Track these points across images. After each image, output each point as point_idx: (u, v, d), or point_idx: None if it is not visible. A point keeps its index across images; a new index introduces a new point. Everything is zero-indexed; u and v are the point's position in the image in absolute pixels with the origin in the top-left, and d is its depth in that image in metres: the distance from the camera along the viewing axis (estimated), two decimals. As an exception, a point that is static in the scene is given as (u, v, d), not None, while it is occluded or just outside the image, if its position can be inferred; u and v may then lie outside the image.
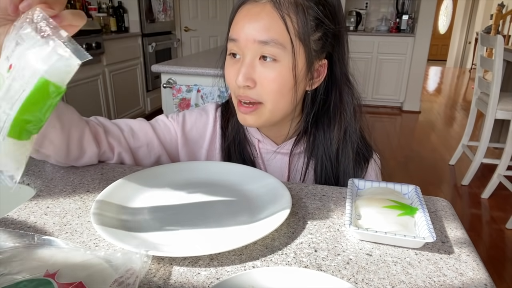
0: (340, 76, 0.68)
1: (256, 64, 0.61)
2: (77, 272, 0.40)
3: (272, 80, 0.61)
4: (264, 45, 0.59)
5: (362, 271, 0.45)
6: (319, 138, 0.71)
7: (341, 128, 0.69)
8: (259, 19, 0.59)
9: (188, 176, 0.67)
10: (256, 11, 0.60)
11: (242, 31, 0.61)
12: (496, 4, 6.27)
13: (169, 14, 4.15)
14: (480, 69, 2.60)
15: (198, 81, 1.87)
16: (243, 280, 0.39)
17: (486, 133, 2.46)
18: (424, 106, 4.88)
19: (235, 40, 0.62)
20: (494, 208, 2.40)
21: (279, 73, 0.61)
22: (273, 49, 0.59)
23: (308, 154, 0.73)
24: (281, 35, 0.59)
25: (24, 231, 0.51)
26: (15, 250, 0.43)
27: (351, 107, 0.69)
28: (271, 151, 0.75)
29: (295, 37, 0.60)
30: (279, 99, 0.63)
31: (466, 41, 8.46)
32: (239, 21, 0.62)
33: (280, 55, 0.60)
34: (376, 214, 0.52)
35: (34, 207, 0.57)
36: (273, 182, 0.62)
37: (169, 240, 0.49)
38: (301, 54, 0.61)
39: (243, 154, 0.75)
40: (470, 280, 0.43)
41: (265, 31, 0.59)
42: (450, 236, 0.52)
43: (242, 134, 0.76)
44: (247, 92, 0.63)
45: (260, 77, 0.61)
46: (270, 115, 0.65)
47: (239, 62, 0.63)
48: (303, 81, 0.64)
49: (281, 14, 0.59)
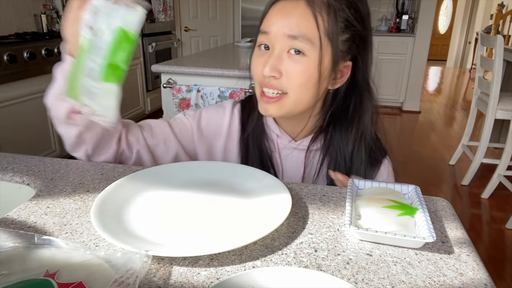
0: (362, 81, 0.71)
1: (284, 56, 0.64)
2: (77, 272, 0.40)
3: (298, 73, 0.64)
4: (293, 39, 0.62)
5: (362, 271, 0.45)
6: (336, 138, 0.73)
7: (358, 131, 0.72)
8: (292, 15, 0.62)
9: (188, 176, 0.66)
10: (290, 7, 0.63)
11: (274, 25, 0.64)
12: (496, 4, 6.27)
13: (169, 14, 4.15)
14: (480, 69, 2.60)
15: (198, 81, 1.87)
16: (243, 280, 0.39)
17: (486, 133, 2.46)
18: (424, 106, 4.88)
19: (266, 33, 0.65)
20: (494, 208, 2.40)
21: (306, 66, 0.63)
22: (302, 44, 0.62)
23: (324, 152, 0.75)
24: (310, 31, 0.62)
25: (24, 231, 0.51)
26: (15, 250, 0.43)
27: (370, 112, 0.72)
28: (288, 146, 0.77)
29: (324, 35, 0.63)
30: (303, 92, 0.65)
31: (466, 41, 8.45)
32: (272, 15, 0.65)
33: (308, 50, 0.63)
34: (376, 214, 0.52)
35: (34, 207, 0.57)
36: (273, 182, 0.62)
37: (169, 240, 0.49)
38: (328, 52, 0.64)
39: (261, 148, 0.77)
40: (470, 280, 0.43)
41: (296, 26, 0.62)
42: (450, 236, 0.52)
43: (261, 128, 0.78)
44: (272, 82, 0.65)
45: (286, 69, 0.64)
46: (292, 106, 0.67)
47: (267, 53, 0.66)
48: (326, 78, 0.66)
49: (313, 11, 0.62)
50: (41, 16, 3.00)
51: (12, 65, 2.21)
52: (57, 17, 3.14)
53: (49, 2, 3.17)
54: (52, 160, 0.76)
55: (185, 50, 4.52)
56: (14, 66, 2.23)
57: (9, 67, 2.20)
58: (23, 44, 2.31)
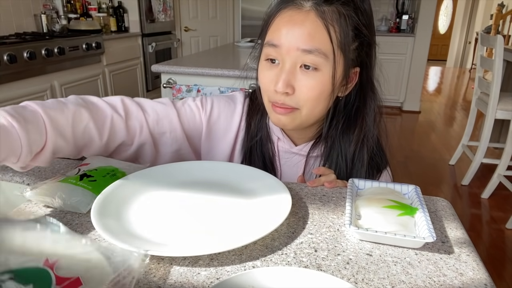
0: (367, 82, 0.69)
1: (296, 71, 0.62)
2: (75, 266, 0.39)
3: (311, 88, 0.62)
4: (307, 53, 0.60)
5: (362, 271, 0.45)
6: (337, 140, 0.71)
7: (361, 132, 0.70)
8: (303, 27, 0.59)
9: (188, 175, 0.66)
10: (299, 18, 0.60)
11: (285, 37, 0.60)
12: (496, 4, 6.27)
13: (169, 14, 4.15)
14: (480, 69, 2.60)
15: (198, 81, 1.87)
16: (243, 280, 0.39)
17: (486, 133, 2.46)
18: (424, 106, 4.88)
19: (276, 46, 0.61)
20: (494, 208, 2.40)
21: (320, 81, 0.61)
22: (316, 58, 0.60)
23: (324, 158, 0.73)
24: (324, 44, 0.60)
25: (24, 231, 0.51)
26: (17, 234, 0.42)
27: (373, 113, 0.70)
28: (289, 151, 0.75)
29: (337, 47, 0.60)
30: (316, 106, 0.64)
31: (466, 41, 8.45)
32: (280, 27, 0.61)
33: (322, 64, 0.60)
34: (376, 214, 0.52)
35: (34, 207, 0.57)
36: (273, 182, 0.62)
37: (169, 240, 0.49)
38: (341, 63, 0.62)
39: (263, 151, 0.75)
40: (470, 280, 0.43)
41: (310, 39, 0.59)
42: (450, 236, 0.52)
43: (265, 131, 0.76)
44: (285, 99, 0.63)
45: (299, 84, 0.62)
46: (304, 119, 0.66)
47: (277, 67, 0.63)
48: (338, 88, 0.65)
49: (325, 23, 0.59)
50: (41, 16, 3.00)
51: (12, 65, 2.21)
52: (57, 17, 3.14)
53: (49, 2, 3.17)
54: (52, 160, 0.75)
55: (185, 50, 4.52)
56: (14, 66, 2.23)
57: (9, 67, 2.20)
58: (23, 44, 2.31)
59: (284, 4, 0.62)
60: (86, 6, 3.46)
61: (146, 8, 3.73)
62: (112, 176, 0.62)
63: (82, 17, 3.29)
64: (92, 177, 0.59)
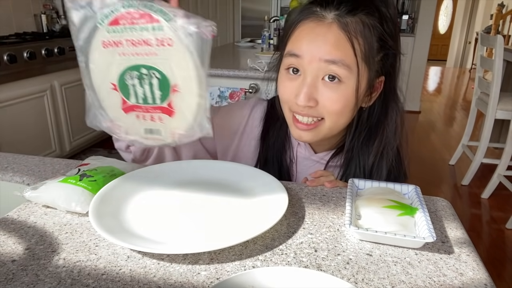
0: (389, 91, 0.67)
1: (318, 84, 0.60)
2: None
3: (335, 102, 0.60)
4: (330, 64, 0.58)
5: (362, 271, 0.45)
6: (357, 151, 0.70)
7: (381, 143, 0.68)
8: (326, 39, 0.58)
9: (187, 175, 0.66)
10: (322, 31, 0.59)
11: (307, 48, 0.59)
12: (496, 4, 6.27)
13: (169, 14, 4.15)
14: (480, 69, 2.60)
15: (198, 81, 1.86)
16: (243, 280, 0.39)
17: (486, 133, 2.46)
18: (424, 106, 4.88)
19: (298, 56, 0.60)
20: (494, 208, 2.40)
21: (343, 95, 0.60)
22: (340, 69, 0.58)
23: (344, 169, 0.72)
24: (348, 56, 0.58)
25: (24, 231, 0.51)
26: None
27: (394, 123, 0.68)
28: (307, 158, 0.74)
29: (361, 60, 0.59)
30: (339, 118, 0.63)
31: (466, 41, 8.45)
32: (302, 37, 0.60)
33: (346, 77, 0.59)
34: (376, 214, 0.52)
35: (34, 207, 0.57)
36: (270, 181, 0.62)
37: (168, 238, 0.49)
38: (365, 76, 0.61)
39: (281, 158, 0.74)
40: (470, 280, 0.43)
41: (334, 50, 0.58)
42: (450, 236, 0.52)
43: (284, 135, 0.74)
44: (308, 111, 0.62)
45: (322, 97, 0.60)
46: (328, 132, 0.65)
47: (299, 78, 0.62)
48: (362, 99, 0.63)
49: (349, 36, 0.58)
50: (41, 16, 3.00)
51: (12, 65, 2.21)
52: (57, 17, 3.14)
53: (49, 2, 3.17)
54: (52, 160, 0.76)
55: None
56: (14, 66, 2.23)
57: (9, 67, 2.20)
58: (23, 44, 2.31)
59: (305, 15, 0.61)
60: (86, 6, 3.45)
61: (146, 8, 3.73)
62: (112, 176, 0.62)
63: (82, 17, 3.28)
64: (92, 177, 0.59)
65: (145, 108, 0.51)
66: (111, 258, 0.46)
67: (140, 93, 0.50)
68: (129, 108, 0.51)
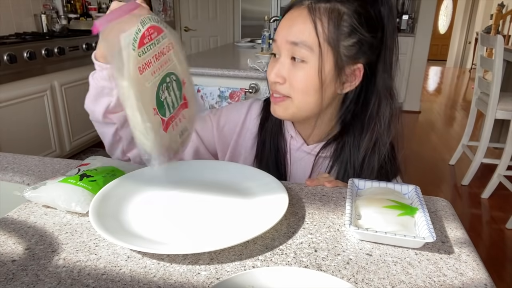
0: (382, 86, 0.68)
1: (287, 63, 0.66)
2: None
3: (299, 80, 0.65)
4: (294, 46, 0.64)
5: (362, 271, 0.45)
6: (348, 143, 0.72)
7: (372, 138, 0.69)
8: (295, 22, 0.64)
9: (187, 175, 0.67)
10: (294, 15, 0.65)
11: (280, 33, 0.66)
12: (496, 4, 6.27)
13: (169, 14, 4.15)
14: (480, 69, 2.59)
15: (198, 81, 1.87)
16: (243, 280, 0.39)
17: (486, 133, 2.46)
18: (424, 106, 4.88)
19: (275, 41, 0.68)
20: (494, 208, 2.40)
21: (306, 73, 0.64)
22: (302, 50, 0.63)
23: (333, 160, 0.74)
24: (310, 37, 0.63)
25: (24, 231, 0.51)
26: None
27: (386, 120, 0.69)
28: (300, 149, 0.77)
29: (323, 41, 0.63)
30: (305, 98, 0.66)
31: (466, 41, 8.45)
32: (281, 24, 0.68)
33: (308, 57, 0.64)
34: (376, 214, 0.52)
35: (34, 207, 0.57)
36: (270, 181, 0.62)
37: (168, 238, 0.49)
38: (329, 57, 0.64)
39: (277, 147, 0.78)
40: (470, 280, 0.43)
41: (297, 33, 0.64)
42: (450, 236, 0.52)
43: (279, 127, 0.79)
44: (278, 87, 0.67)
45: (289, 75, 0.66)
46: (296, 110, 0.68)
47: (276, 60, 0.68)
48: (332, 83, 0.66)
49: (313, 18, 0.63)
50: (41, 16, 3.00)
51: (12, 65, 2.21)
52: (57, 17, 3.14)
53: (49, 2, 3.17)
54: (52, 160, 0.76)
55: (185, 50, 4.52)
56: (14, 66, 2.23)
57: (9, 67, 2.20)
58: (23, 44, 2.31)
59: (289, 5, 0.68)
60: (86, 6, 3.46)
61: (146, 8, 3.73)
62: (112, 176, 0.62)
63: (82, 17, 3.29)
64: (92, 177, 0.59)
65: (174, 114, 0.54)
66: (111, 258, 0.46)
67: (169, 101, 0.53)
68: (167, 124, 0.53)
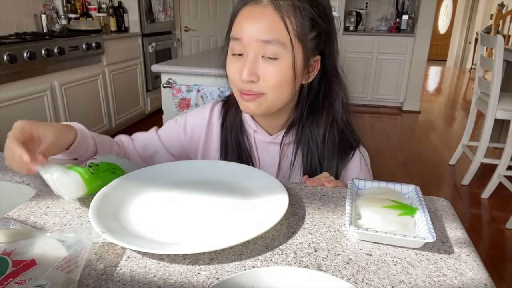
0: (331, 69, 0.74)
1: (259, 60, 0.66)
2: (32, 251, 0.43)
3: (274, 75, 0.66)
4: (266, 44, 0.65)
5: (362, 271, 0.45)
6: (307, 124, 0.76)
7: (330, 114, 0.75)
8: (262, 20, 0.65)
9: (186, 175, 0.67)
10: (258, 13, 0.65)
11: (246, 31, 0.66)
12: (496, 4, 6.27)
13: (169, 14, 4.15)
14: (480, 69, 2.59)
15: (198, 81, 1.87)
16: (243, 280, 0.39)
17: (486, 133, 2.46)
18: (424, 106, 4.88)
19: (239, 39, 0.67)
20: (494, 208, 2.40)
21: (280, 69, 0.66)
22: (275, 47, 0.65)
23: (297, 143, 0.78)
24: (282, 35, 0.64)
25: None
26: None
27: (340, 97, 0.75)
28: (265, 140, 0.79)
29: (294, 37, 0.65)
30: (280, 92, 0.68)
31: (466, 41, 8.45)
32: (241, 21, 0.67)
33: (281, 53, 0.65)
34: (376, 214, 0.52)
35: (34, 207, 0.57)
36: (271, 181, 0.62)
37: (168, 238, 0.49)
38: (300, 52, 0.67)
39: (239, 143, 0.80)
40: (470, 280, 0.43)
41: (268, 31, 0.64)
42: (450, 236, 0.52)
43: (239, 125, 0.81)
44: (251, 86, 0.68)
45: (263, 72, 0.67)
46: (270, 104, 0.70)
47: (242, 59, 0.68)
48: (300, 75, 0.70)
49: (281, 16, 0.64)
50: (41, 16, 3.00)
51: (12, 65, 2.21)
52: (57, 17, 3.14)
53: (49, 2, 3.17)
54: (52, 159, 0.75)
55: (185, 50, 4.51)
56: (14, 66, 2.23)
57: (9, 67, 2.20)
58: (23, 44, 2.31)
59: (244, 1, 0.68)
60: (86, 6, 3.46)
61: (146, 8, 3.73)
62: (112, 174, 0.62)
63: (82, 17, 3.28)
64: (91, 168, 0.59)
65: None
66: (111, 258, 0.46)
67: None
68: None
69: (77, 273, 0.41)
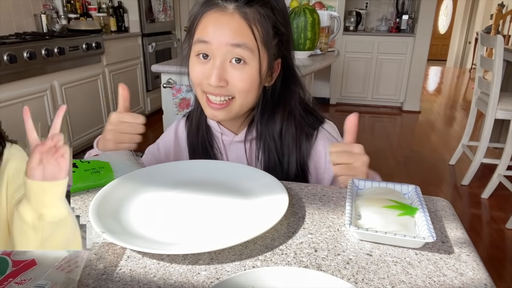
0: (288, 69, 0.77)
1: (227, 66, 0.68)
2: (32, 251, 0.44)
3: (243, 81, 0.68)
4: (236, 47, 0.66)
5: (362, 271, 0.45)
6: (264, 121, 0.78)
7: (286, 111, 0.77)
8: (230, 26, 0.66)
9: (186, 175, 0.67)
10: (226, 19, 0.67)
11: (214, 34, 0.67)
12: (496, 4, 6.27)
13: (169, 14, 4.15)
14: (480, 69, 2.59)
15: (198, 81, 1.86)
16: (243, 280, 0.39)
17: (486, 133, 2.46)
18: (424, 106, 4.88)
19: (207, 42, 0.67)
20: (494, 208, 2.40)
21: (249, 74, 0.68)
22: (244, 51, 0.67)
23: (258, 138, 0.80)
24: (250, 40, 0.67)
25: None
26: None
27: (296, 95, 0.78)
28: (232, 141, 0.82)
29: (260, 44, 0.68)
30: (247, 96, 0.71)
31: (466, 41, 8.44)
32: (209, 25, 0.68)
33: (249, 58, 0.67)
34: (376, 214, 0.52)
35: (34, 207, 0.57)
36: (271, 181, 0.62)
37: (168, 238, 0.49)
38: (265, 57, 0.70)
39: (206, 148, 0.83)
40: (470, 280, 0.43)
41: (237, 35, 0.66)
42: (450, 236, 0.52)
43: (205, 131, 0.83)
44: (220, 90, 0.69)
45: (232, 77, 0.68)
46: (239, 109, 0.72)
47: (209, 62, 0.69)
48: (264, 79, 0.73)
49: (249, 23, 0.66)
50: (41, 16, 3.00)
51: (12, 65, 2.21)
52: (57, 17, 3.14)
53: (49, 2, 3.17)
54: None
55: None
56: (14, 66, 2.23)
57: (9, 67, 2.20)
58: (23, 44, 2.31)
59: (208, 7, 0.68)
60: (86, 6, 3.46)
61: (146, 8, 3.73)
62: (94, 173, 0.62)
63: (82, 17, 3.28)
64: (75, 167, 0.60)
65: None
66: (111, 258, 0.46)
67: None
68: None
69: (77, 273, 0.41)
